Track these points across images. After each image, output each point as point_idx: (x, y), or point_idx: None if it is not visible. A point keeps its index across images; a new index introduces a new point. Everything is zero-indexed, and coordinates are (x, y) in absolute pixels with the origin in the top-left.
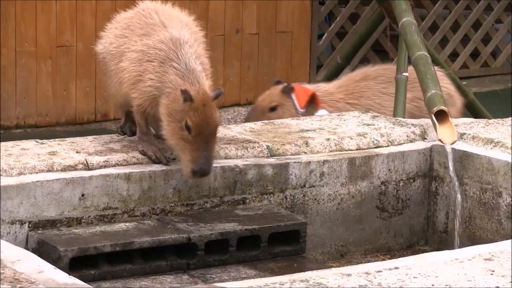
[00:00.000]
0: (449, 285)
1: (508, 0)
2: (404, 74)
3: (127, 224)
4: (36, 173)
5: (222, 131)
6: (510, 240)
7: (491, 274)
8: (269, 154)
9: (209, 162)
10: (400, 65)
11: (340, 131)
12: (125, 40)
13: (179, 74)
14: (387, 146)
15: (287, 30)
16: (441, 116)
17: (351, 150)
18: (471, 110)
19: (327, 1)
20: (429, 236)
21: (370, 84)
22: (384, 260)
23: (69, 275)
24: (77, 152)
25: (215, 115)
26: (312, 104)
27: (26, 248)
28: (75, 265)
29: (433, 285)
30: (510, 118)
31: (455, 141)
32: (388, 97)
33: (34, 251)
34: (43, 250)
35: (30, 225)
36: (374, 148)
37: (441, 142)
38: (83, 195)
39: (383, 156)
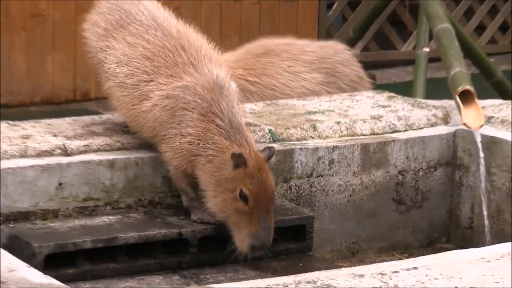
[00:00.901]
0: (474, 287)
1: None
2: (424, 49)
3: (111, 217)
4: (8, 159)
5: None
6: None
7: None
8: (271, 139)
9: (270, 233)
10: (420, 39)
11: (352, 113)
12: (146, 76)
13: (223, 134)
14: (405, 130)
15: None
16: (466, 97)
17: (364, 135)
18: (500, 91)
19: None
20: (452, 232)
21: (273, 60)
22: (401, 259)
23: (45, 274)
24: (54, 135)
25: (271, 180)
26: None
27: None
28: (52, 263)
29: (456, 287)
30: None
31: (482, 125)
32: (294, 76)
33: (5, 247)
34: (15, 246)
35: (0, 218)
36: (391, 132)
37: (466, 126)
38: (60, 184)
39: (401, 142)
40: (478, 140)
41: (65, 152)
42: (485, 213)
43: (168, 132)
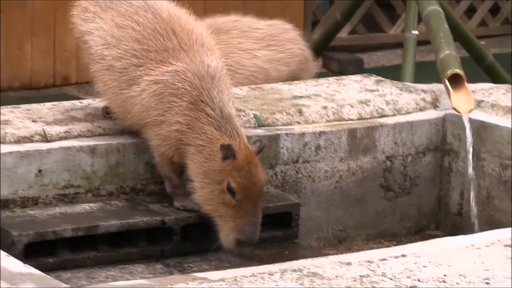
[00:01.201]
0: (464, 275)
1: None
2: (413, 32)
3: (91, 204)
4: None
5: None
6: None
7: None
8: (256, 124)
9: (257, 229)
10: (409, 22)
11: (339, 97)
12: (135, 60)
13: (214, 124)
14: (393, 115)
15: None
16: (456, 81)
17: (351, 120)
18: (490, 74)
19: None
20: (441, 219)
21: (223, 38)
22: (389, 246)
23: (24, 263)
24: (33, 121)
25: (260, 173)
26: None
27: None
28: (31, 252)
29: (445, 275)
30: None
31: (472, 110)
32: (246, 54)
33: None
34: None
35: None
36: (378, 117)
37: (456, 110)
38: (40, 171)
39: (389, 127)
40: (467, 125)
41: (45, 138)
42: (472, 201)
43: (156, 119)
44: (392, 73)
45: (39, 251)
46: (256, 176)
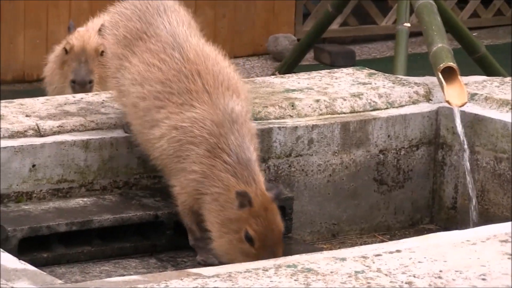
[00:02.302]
0: (460, 271)
1: None
2: (405, 24)
3: (85, 199)
4: None
5: None
6: None
7: (508, 258)
8: None
9: None
10: (401, 14)
11: (332, 91)
12: (157, 102)
13: (230, 170)
14: (386, 108)
15: None
16: (449, 73)
17: (344, 113)
18: (483, 66)
19: None
20: (435, 213)
21: None
22: (383, 241)
23: (19, 259)
24: (26, 115)
25: (278, 220)
26: None
27: None
28: (25, 247)
29: (441, 270)
30: None
31: (465, 103)
32: None
33: None
34: None
35: None
36: (371, 111)
37: (449, 103)
38: (34, 165)
39: (382, 120)
40: (457, 119)
41: (39, 133)
42: (472, 194)
43: (176, 165)
44: (384, 65)
45: (33, 246)
46: (274, 223)
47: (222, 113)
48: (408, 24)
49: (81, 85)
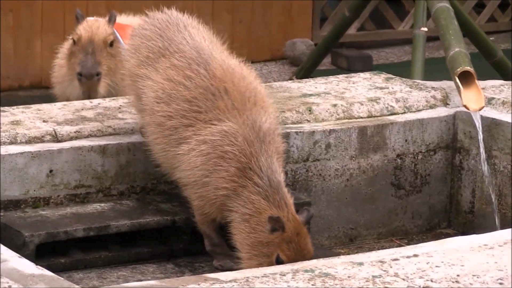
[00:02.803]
0: (477, 275)
1: None
2: (422, 29)
3: (102, 204)
4: None
5: None
6: None
7: None
8: None
9: None
10: (418, 18)
11: (349, 95)
12: (185, 120)
13: (261, 193)
14: (403, 113)
15: None
16: (466, 78)
17: (361, 117)
18: (500, 71)
19: None
20: (452, 217)
21: None
22: (400, 245)
23: (36, 264)
24: (44, 121)
25: (309, 245)
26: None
27: None
28: (43, 252)
29: (458, 275)
30: None
31: (483, 107)
32: None
33: None
34: (5, 236)
35: None
36: (388, 115)
37: (466, 108)
38: (51, 171)
39: (399, 124)
40: (478, 123)
41: (56, 138)
42: (493, 198)
43: (200, 179)
44: (401, 69)
45: (50, 252)
46: (305, 249)
47: (250, 131)
48: (425, 29)
49: (87, 78)
